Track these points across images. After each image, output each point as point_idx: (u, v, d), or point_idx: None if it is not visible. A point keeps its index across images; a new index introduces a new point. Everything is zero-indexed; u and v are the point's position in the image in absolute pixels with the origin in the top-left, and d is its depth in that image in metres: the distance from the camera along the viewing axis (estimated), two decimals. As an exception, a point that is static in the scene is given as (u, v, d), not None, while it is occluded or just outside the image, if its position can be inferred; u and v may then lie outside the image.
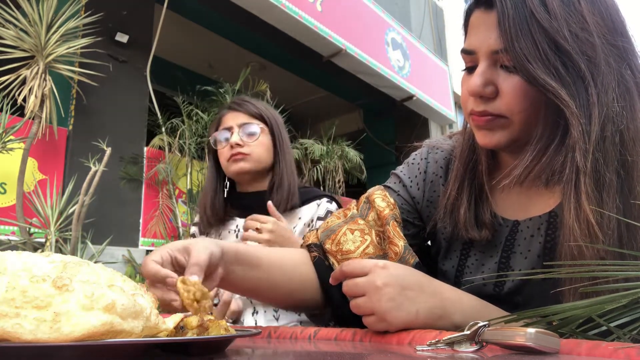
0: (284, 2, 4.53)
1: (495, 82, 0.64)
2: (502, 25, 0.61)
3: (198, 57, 5.78)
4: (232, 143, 1.33)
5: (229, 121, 1.39)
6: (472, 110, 0.67)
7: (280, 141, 1.40)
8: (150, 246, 3.91)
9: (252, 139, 1.35)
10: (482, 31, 0.65)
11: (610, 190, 0.60)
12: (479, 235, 0.74)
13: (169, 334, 0.46)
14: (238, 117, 1.38)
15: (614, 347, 0.42)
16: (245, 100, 1.42)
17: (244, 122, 1.37)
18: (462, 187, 0.76)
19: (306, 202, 1.36)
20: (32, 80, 3.02)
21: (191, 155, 4.22)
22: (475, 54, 0.66)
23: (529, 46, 0.59)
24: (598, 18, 0.62)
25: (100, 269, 0.44)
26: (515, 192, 0.75)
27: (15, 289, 0.37)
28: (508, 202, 0.76)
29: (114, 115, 3.79)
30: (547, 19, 0.60)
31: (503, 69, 0.64)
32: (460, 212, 0.74)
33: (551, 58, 0.59)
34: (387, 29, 6.37)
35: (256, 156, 1.35)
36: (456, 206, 0.76)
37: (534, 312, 0.51)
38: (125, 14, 3.92)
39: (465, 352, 0.48)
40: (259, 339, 0.67)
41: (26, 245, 2.83)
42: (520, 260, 0.72)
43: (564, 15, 0.60)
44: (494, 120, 0.65)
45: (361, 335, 0.63)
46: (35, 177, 3.30)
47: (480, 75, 0.64)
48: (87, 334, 0.37)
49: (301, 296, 0.81)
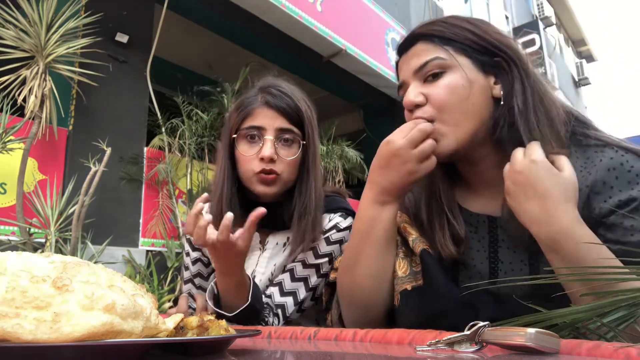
0: (284, 2, 4.53)
1: (424, 91, 0.78)
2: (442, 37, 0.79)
3: (198, 57, 5.78)
4: (264, 157, 1.00)
5: (262, 119, 1.03)
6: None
7: (314, 152, 1.08)
8: (150, 246, 3.91)
9: (288, 154, 1.03)
10: (404, 66, 0.83)
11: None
12: (457, 253, 0.80)
13: (169, 334, 0.46)
14: (275, 118, 1.03)
15: (614, 347, 0.42)
16: (282, 92, 1.06)
17: (282, 127, 1.03)
18: (431, 216, 0.85)
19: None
20: (32, 80, 3.02)
21: (191, 155, 4.21)
22: (405, 82, 0.82)
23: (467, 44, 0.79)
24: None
25: (100, 269, 0.44)
26: (480, 192, 0.85)
27: (15, 289, 0.37)
28: (473, 201, 0.85)
29: (114, 115, 3.79)
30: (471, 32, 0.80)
31: (427, 82, 0.79)
32: (436, 238, 0.82)
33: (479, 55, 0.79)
34: (387, 29, 6.37)
35: (286, 177, 1.04)
36: (433, 233, 0.83)
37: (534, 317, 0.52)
38: (125, 14, 3.92)
39: (466, 352, 0.48)
40: (259, 339, 0.67)
41: (26, 246, 2.83)
42: (508, 254, 0.80)
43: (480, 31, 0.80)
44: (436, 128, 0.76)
45: (361, 335, 0.63)
46: (35, 177, 3.30)
47: (411, 90, 0.79)
48: (87, 334, 0.37)
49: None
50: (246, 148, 1.04)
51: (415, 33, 0.83)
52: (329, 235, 1.05)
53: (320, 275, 1.04)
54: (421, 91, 0.78)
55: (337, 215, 1.08)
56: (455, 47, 0.78)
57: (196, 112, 4.33)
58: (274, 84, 1.09)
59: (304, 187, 1.05)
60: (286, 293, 1.02)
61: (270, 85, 1.08)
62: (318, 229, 1.03)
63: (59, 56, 3.13)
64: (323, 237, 1.05)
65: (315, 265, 1.04)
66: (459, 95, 0.76)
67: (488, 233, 0.82)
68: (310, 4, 4.95)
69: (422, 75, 0.79)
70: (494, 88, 0.78)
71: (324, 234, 1.05)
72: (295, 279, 1.03)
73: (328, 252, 1.04)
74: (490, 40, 0.79)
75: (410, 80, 0.81)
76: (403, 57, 0.84)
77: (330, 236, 1.05)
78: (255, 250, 1.11)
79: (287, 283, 1.03)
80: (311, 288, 1.03)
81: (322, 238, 1.05)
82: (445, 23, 0.81)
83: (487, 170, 0.81)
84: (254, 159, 1.02)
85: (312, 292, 1.04)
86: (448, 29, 0.80)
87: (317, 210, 1.04)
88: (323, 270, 1.04)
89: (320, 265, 1.04)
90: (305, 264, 1.04)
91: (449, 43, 0.78)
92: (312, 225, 1.02)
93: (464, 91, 0.76)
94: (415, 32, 0.83)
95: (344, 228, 1.06)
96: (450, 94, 0.76)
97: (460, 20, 0.82)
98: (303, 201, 1.04)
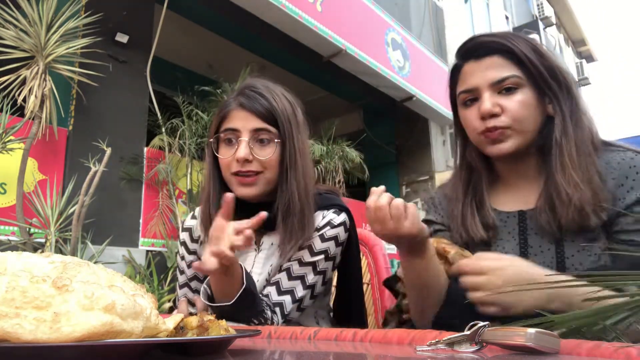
0: (284, 2, 4.53)
1: (499, 103, 0.90)
2: (523, 58, 0.90)
3: (198, 57, 5.79)
4: (239, 158, 1.01)
5: (236, 121, 1.05)
6: (485, 128, 0.90)
7: (292, 149, 1.05)
8: (150, 246, 3.91)
9: (265, 153, 1.03)
10: (478, 73, 0.92)
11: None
12: (487, 237, 0.95)
13: (169, 335, 0.46)
14: (249, 119, 1.04)
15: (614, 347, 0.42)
16: (257, 93, 1.06)
17: (257, 127, 1.04)
18: (465, 204, 0.99)
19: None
20: (32, 80, 3.02)
21: (191, 155, 4.22)
22: (477, 89, 0.92)
23: (540, 70, 0.91)
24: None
25: (100, 269, 0.44)
26: (511, 191, 0.99)
27: (15, 290, 0.37)
28: (506, 199, 0.99)
29: (114, 115, 3.79)
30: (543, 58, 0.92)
31: (502, 95, 0.90)
32: (468, 222, 0.96)
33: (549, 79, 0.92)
34: (387, 29, 6.37)
35: (268, 176, 1.04)
36: (464, 219, 0.97)
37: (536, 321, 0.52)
38: (125, 14, 3.93)
39: (466, 352, 0.48)
40: (259, 339, 0.67)
41: (26, 246, 2.83)
42: (536, 239, 0.92)
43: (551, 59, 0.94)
44: (504, 131, 0.89)
45: (361, 335, 0.63)
46: (35, 177, 3.30)
47: (488, 100, 0.90)
48: (87, 334, 0.37)
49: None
50: (224, 151, 1.06)
51: (490, 43, 0.92)
52: (324, 232, 1.05)
53: (317, 273, 1.04)
54: (498, 102, 0.90)
55: (330, 212, 1.08)
56: (530, 67, 0.90)
57: (196, 112, 4.33)
58: (250, 85, 1.10)
59: (285, 186, 1.05)
60: (283, 292, 1.02)
61: (246, 87, 1.09)
62: (308, 229, 1.04)
63: (59, 56, 3.13)
64: (317, 234, 1.05)
65: (311, 263, 1.04)
66: (528, 111, 0.90)
67: (518, 224, 0.94)
68: (310, 4, 4.95)
69: (498, 88, 0.90)
70: (548, 107, 0.92)
71: (318, 231, 1.06)
72: (292, 277, 1.03)
73: (323, 249, 1.04)
74: (553, 64, 0.92)
75: (485, 90, 0.91)
76: (475, 64, 0.93)
77: (324, 233, 1.05)
78: (251, 251, 1.11)
79: (284, 282, 1.03)
80: (309, 286, 1.03)
81: (317, 235, 1.05)
82: (517, 41, 0.92)
83: (527, 169, 0.95)
84: (232, 161, 1.03)
85: (310, 290, 1.03)
86: (523, 48, 0.91)
87: (305, 209, 1.04)
88: (320, 267, 1.04)
89: (317, 263, 1.04)
90: (302, 262, 1.04)
91: (523, 63, 0.90)
92: (300, 224, 1.03)
93: (531, 108, 0.90)
94: (489, 42, 0.93)
95: (337, 224, 1.07)
96: (522, 109, 0.89)
97: (526, 40, 0.94)
98: (285, 200, 1.04)
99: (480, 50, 0.94)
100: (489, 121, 0.90)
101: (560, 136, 0.90)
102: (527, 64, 0.90)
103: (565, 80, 0.92)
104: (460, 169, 1.04)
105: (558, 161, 0.89)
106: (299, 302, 1.02)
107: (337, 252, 1.07)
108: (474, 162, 1.01)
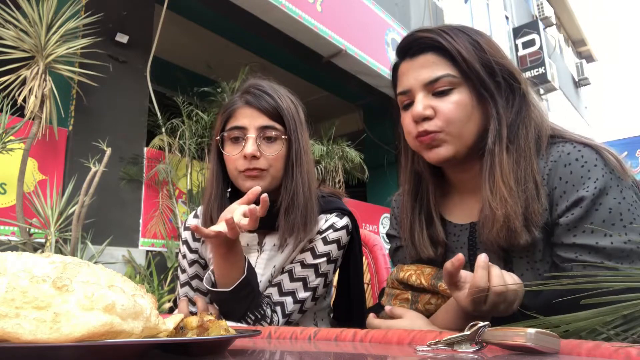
0: (284, 3, 4.53)
1: (432, 105, 0.82)
2: (456, 54, 0.81)
3: (198, 57, 5.78)
4: (247, 154, 1.02)
5: (243, 119, 1.06)
6: (417, 133, 0.83)
7: (297, 147, 1.07)
8: (150, 246, 3.91)
9: (272, 150, 1.05)
10: (412, 73, 0.84)
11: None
12: (435, 254, 0.88)
13: (169, 335, 0.46)
14: (256, 117, 1.05)
15: (614, 348, 0.42)
16: (263, 91, 1.08)
17: (264, 124, 1.05)
18: (414, 217, 0.92)
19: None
20: (32, 80, 3.02)
21: (191, 155, 4.21)
22: (410, 91, 0.84)
23: (476, 66, 0.81)
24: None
25: (100, 269, 0.44)
26: (465, 201, 0.91)
27: (15, 290, 0.37)
28: (459, 210, 0.91)
29: (114, 115, 3.79)
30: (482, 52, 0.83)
31: (436, 96, 0.82)
32: (415, 237, 0.90)
33: (487, 77, 0.82)
34: (387, 29, 6.37)
35: (274, 172, 1.06)
36: (412, 233, 0.91)
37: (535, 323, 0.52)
38: (125, 14, 3.93)
39: (466, 352, 0.48)
40: (259, 339, 0.67)
41: (26, 246, 2.83)
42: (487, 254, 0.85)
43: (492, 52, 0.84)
44: (436, 135, 0.81)
45: (361, 335, 0.63)
46: (35, 177, 3.30)
47: (420, 102, 0.82)
48: (87, 335, 0.37)
49: None
50: (230, 148, 1.07)
51: (424, 40, 0.84)
52: (326, 235, 1.06)
53: (319, 275, 1.04)
54: (430, 104, 0.82)
55: (333, 216, 1.09)
56: (464, 66, 0.81)
57: (196, 112, 4.33)
58: (255, 84, 1.11)
59: (289, 181, 1.06)
60: (285, 293, 1.02)
61: (251, 86, 1.11)
62: (310, 227, 1.04)
63: (59, 56, 3.13)
64: (320, 237, 1.06)
65: (313, 265, 1.04)
66: (464, 112, 0.81)
67: (468, 237, 0.87)
68: (310, 4, 4.95)
69: (431, 88, 0.82)
70: (490, 106, 0.82)
71: (320, 234, 1.07)
72: (294, 279, 1.03)
73: (326, 251, 1.05)
74: (494, 63, 0.82)
75: (418, 91, 0.83)
76: (408, 63, 0.86)
77: (327, 236, 1.06)
78: (253, 251, 1.11)
79: (286, 283, 1.03)
80: (310, 288, 1.03)
81: (320, 238, 1.06)
82: (455, 37, 0.82)
83: (476, 176, 0.86)
84: (239, 158, 1.05)
85: (312, 292, 1.04)
86: (458, 45, 0.81)
87: (308, 205, 1.05)
88: (322, 270, 1.05)
89: (319, 265, 1.04)
90: (304, 264, 1.04)
91: (458, 60, 0.81)
92: (302, 219, 1.03)
93: (468, 108, 0.81)
94: (423, 38, 0.84)
95: (340, 227, 1.07)
96: (457, 110, 0.81)
97: (468, 35, 0.84)
98: (290, 194, 1.04)
99: (414, 48, 0.85)
100: (421, 125, 0.82)
101: (493, 143, 0.81)
102: (460, 62, 0.81)
103: (506, 80, 0.83)
104: (408, 179, 0.96)
105: (487, 172, 0.80)
106: (300, 304, 1.02)
107: (339, 255, 1.08)
108: (421, 170, 0.93)
